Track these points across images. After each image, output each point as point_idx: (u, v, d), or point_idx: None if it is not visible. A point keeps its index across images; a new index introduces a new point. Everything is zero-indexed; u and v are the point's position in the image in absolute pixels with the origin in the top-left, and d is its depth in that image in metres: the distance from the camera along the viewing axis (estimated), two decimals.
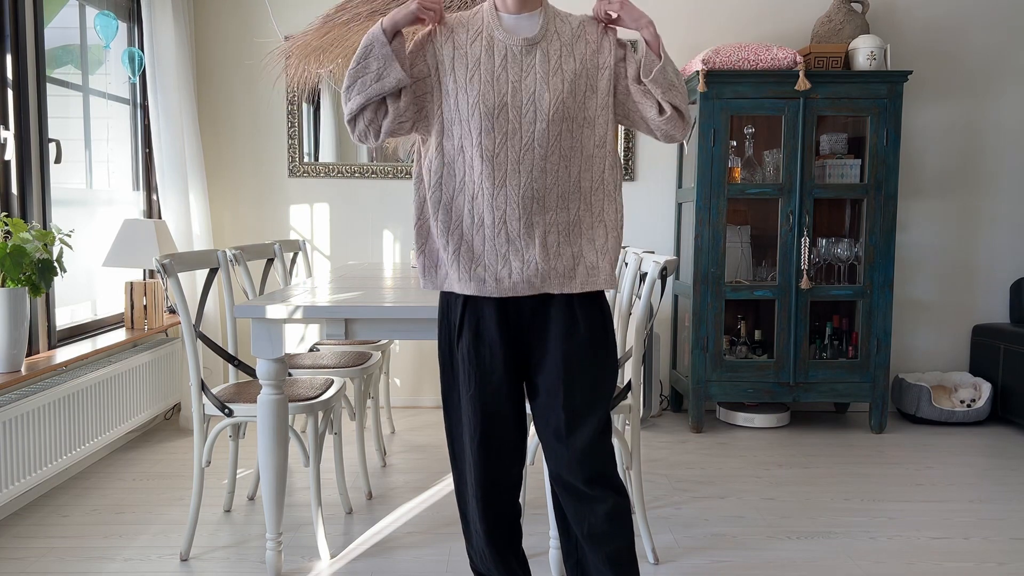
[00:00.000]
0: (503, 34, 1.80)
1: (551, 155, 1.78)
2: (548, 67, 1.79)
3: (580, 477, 1.83)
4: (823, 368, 4.00)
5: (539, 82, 1.78)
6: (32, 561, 2.52)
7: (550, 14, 1.83)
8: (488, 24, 1.81)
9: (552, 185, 1.79)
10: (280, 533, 2.42)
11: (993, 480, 3.37)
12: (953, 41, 4.36)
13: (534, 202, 1.79)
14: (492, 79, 1.77)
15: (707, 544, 2.69)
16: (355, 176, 4.40)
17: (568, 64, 1.80)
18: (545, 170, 1.78)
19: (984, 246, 4.46)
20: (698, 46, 4.32)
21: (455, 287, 1.84)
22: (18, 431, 2.70)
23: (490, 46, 1.79)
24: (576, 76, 1.80)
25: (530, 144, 1.77)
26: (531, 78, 1.78)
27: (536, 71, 1.78)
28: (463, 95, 1.78)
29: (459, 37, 1.81)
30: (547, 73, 1.78)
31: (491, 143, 1.77)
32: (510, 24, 1.81)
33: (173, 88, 3.85)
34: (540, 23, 1.81)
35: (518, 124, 1.77)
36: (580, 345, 1.83)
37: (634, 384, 2.48)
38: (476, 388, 1.85)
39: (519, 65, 1.79)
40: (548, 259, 1.80)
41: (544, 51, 1.80)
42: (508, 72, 1.78)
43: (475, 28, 1.82)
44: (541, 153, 1.77)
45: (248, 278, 2.97)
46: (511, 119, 1.77)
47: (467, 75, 1.79)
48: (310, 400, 2.56)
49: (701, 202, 3.92)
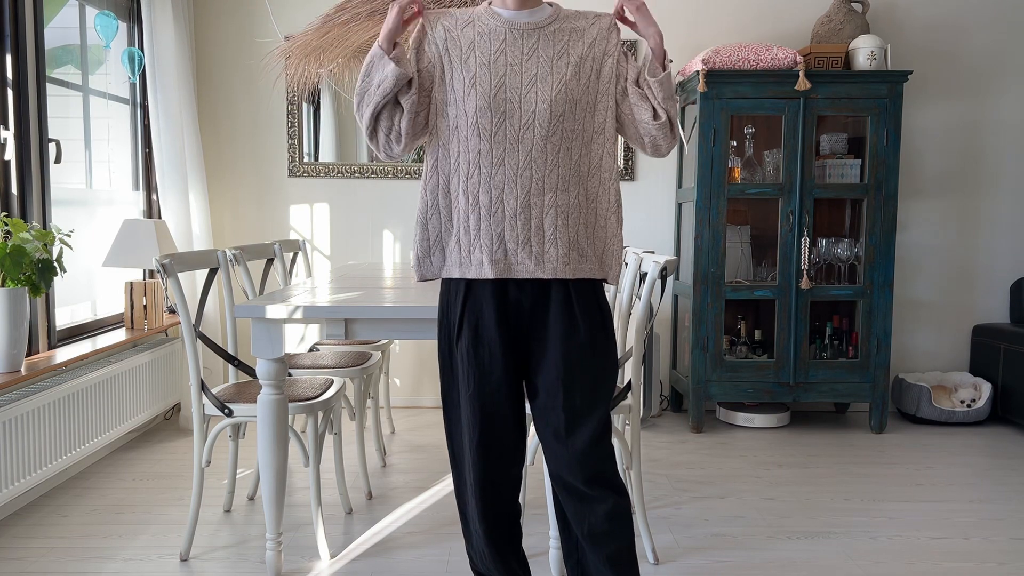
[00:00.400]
0: (501, 23, 1.82)
1: (552, 135, 1.78)
2: (553, 50, 1.80)
3: (580, 477, 1.83)
4: (823, 368, 4.00)
5: (542, 64, 1.79)
6: (32, 561, 2.52)
7: (557, 8, 1.86)
8: (482, 16, 1.84)
9: (552, 166, 1.80)
10: (280, 533, 2.42)
11: (993, 480, 3.37)
12: (953, 41, 4.36)
13: (532, 183, 1.79)
14: (489, 61, 1.79)
15: (707, 544, 2.69)
16: (355, 176, 4.40)
17: (576, 48, 1.82)
18: (546, 150, 1.79)
19: (984, 246, 4.46)
20: (698, 46, 4.32)
21: (453, 272, 1.84)
22: (18, 431, 2.70)
23: (486, 31, 1.82)
24: (582, 60, 1.82)
25: (531, 124, 1.78)
26: (533, 60, 1.79)
27: (539, 53, 1.80)
28: (458, 76, 1.80)
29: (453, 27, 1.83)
30: (551, 56, 1.80)
31: (488, 122, 1.78)
32: (510, 17, 1.83)
33: (173, 88, 3.85)
34: (547, 14, 1.84)
35: (517, 104, 1.78)
36: (580, 345, 1.82)
37: (634, 384, 2.48)
38: (475, 388, 1.85)
39: (519, 48, 1.80)
40: (543, 242, 1.80)
41: (549, 35, 1.81)
42: (507, 55, 1.80)
43: (466, 17, 1.85)
44: (542, 133, 1.78)
45: (248, 278, 2.97)
46: (509, 99, 1.78)
47: (462, 57, 1.80)
48: (310, 400, 2.56)
49: (701, 202, 3.92)
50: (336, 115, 4.41)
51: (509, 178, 1.79)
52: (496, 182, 1.79)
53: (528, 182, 1.79)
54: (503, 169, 1.79)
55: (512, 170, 1.79)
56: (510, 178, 1.79)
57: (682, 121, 4.24)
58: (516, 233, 1.80)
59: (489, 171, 1.79)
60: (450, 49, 1.82)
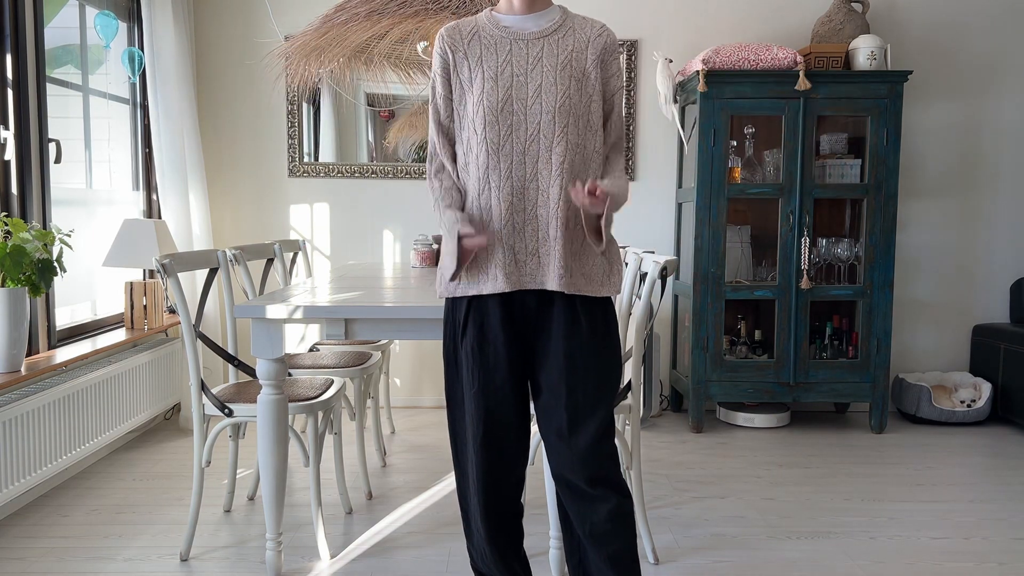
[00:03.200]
0: (506, 33, 1.82)
1: (556, 146, 1.79)
2: (557, 60, 1.80)
3: (583, 477, 1.83)
4: (823, 368, 4.00)
5: (547, 74, 1.79)
6: (32, 561, 2.52)
7: (566, 13, 1.86)
8: (486, 25, 1.84)
9: (556, 176, 1.80)
10: (280, 533, 2.42)
11: (993, 480, 3.36)
12: (953, 41, 4.36)
13: (539, 193, 1.80)
14: (496, 75, 1.79)
15: (707, 544, 2.69)
16: (355, 176, 4.39)
17: (579, 62, 1.82)
18: (551, 161, 1.79)
19: (984, 246, 4.46)
20: (698, 46, 4.32)
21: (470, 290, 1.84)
22: (18, 431, 2.70)
23: (491, 43, 1.82)
24: (585, 76, 1.82)
25: (536, 135, 1.79)
26: (538, 70, 1.80)
27: (544, 63, 1.80)
28: (469, 95, 1.81)
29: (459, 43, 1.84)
30: (556, 66, 1.80)
31: (496, 135, 1.78)
32: (515, 23, 1.83)
33: (173, 88, 3.85)
34: (553, 20, 1.84)
35: (523, 116, 1.79)
36: (583, 344, 1.83)
37: (634, 384, 2.48)
38: (479, 386, 1.85)
39: (524, 58, 1.81)
40: (550, 253, 1.80)
41: (553, 44, 1.81)
42: (513, 66, 1.80)
43: (470, 28, 1.85)
44: (547, 144, 1.78)
45: (248, 278, 2.97)
46: (516, 110, 1.79)
47: (471, 75, 1.81)
48: (310, 400, 2.55)
49: (701, 202, 3.92)
50: (336, 115, 4.41)
51: (517, 191, 1.80)
52: (504, 195, 1.80)
53: (535, 193, 1.80)
54: (511, 182, 1.80)
55: (519, 183, 1.80)
56: (517, 191, 1.80)
57: (682, 121, 4.24)
58: (525, 244, 1.81)
59: (499, 183, 1.80)
60: (460, 71, 1.83)
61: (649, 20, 4.36)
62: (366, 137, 4.43)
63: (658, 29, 4.35)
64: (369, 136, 4.43)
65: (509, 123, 1.78)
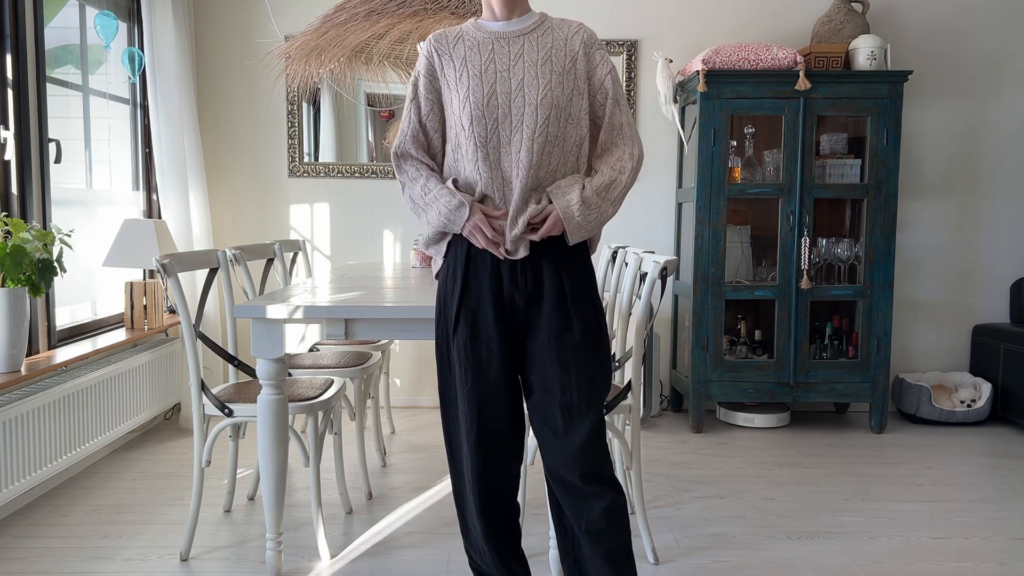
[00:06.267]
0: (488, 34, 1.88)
1: (538, 137, 1.82)
2: (538, 55, 1.85)
3: (577, 473, 1.84)
4: (823, 368, 4.00)
5: (528, 69, 1.84)
6: (32, 561, 2.52)
7: (545, 16, 1.92)
8: (470, 30, 1.90)
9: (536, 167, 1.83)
10: (280, 533, 2.42)
11: (993, 480, 3.36)
12: (953, 41, 4.36)
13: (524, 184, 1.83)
14: (480, 72, 1.84)
15: (707, 544, 2.69)
16: (355, 176, 4.40)
17: (559, 57, 1.86)
18: (532, 151, 1.82)
19: (984, 246, 4.46)
20: (698, 46, 4.32)
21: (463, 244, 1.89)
22: (18, 431, 2.70)
23: (474, 44, 1.87)
24: (565, 71, 1.86)
25: (519, 127, 1.82)
26: (519, 65, 1.84)
27: (525, 58, 1.85)
28: (455, 96, 1.85)
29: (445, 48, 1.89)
30: (536, 62, 1.85)
31: (483, 129, 1.82)
32: (497, 28, 1.89)
33: (173, 88, 3.85)
34: (533, 20, 1.89)
35: (507, 109, 1.82)
36: (575, 342, 1.84)
37: (634, 384, 2.48)
38: (472, 384, 1.86)
39: (507, 55, 1.85)
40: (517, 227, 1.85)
41: (534, 41, 1.86)
42: (496, 63, 1.85)
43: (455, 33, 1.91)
44: (529, 135, 1.82)
45: (248, 278, 2.97)
46: (500, 104, 1.82)
47: (456, 76, 1.86)
48: (310, 400, 2.56)
49: (701, 202, 3.92)
50: (336, 115, 4.41)
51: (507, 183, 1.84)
52: (497, 186, 1.84)
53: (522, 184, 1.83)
54: (500, 173, 1.84)
55: (508, 174, 1.84)
56: (508, 183, 1.84)
57: (682, 121, 4.24)
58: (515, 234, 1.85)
59: (489, 176, 1.84)
60: (447, 73, 1.87)
61: (649, 20, 4.36)
62: (366, 137, 4.43)
63: (658, 29, 4.36)
64: (369, 136, 4.43)
65: (495, 117, 1.82)
